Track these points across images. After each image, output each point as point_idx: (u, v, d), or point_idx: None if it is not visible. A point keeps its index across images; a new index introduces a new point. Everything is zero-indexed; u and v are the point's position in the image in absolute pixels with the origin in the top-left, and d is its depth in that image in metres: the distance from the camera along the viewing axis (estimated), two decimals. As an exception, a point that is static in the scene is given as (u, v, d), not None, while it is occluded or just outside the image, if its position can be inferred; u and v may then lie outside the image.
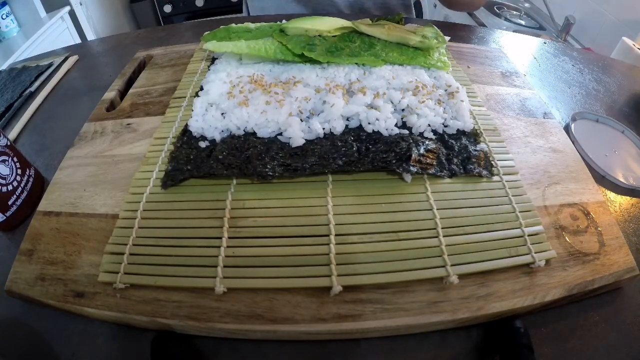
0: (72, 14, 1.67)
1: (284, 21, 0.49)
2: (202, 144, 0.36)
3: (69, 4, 1.65)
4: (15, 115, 0.50)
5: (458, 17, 1.60)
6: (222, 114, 0.37)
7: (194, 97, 0.41)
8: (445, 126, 0.38)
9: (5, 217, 0.34)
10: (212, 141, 0.36)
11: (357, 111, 0.36)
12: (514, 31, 0.92)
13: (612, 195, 0.39)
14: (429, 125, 0.38)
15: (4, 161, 0.33)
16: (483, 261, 0.29)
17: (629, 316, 0.29)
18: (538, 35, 1.27)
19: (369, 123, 0.36)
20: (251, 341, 0.27)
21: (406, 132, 0.37)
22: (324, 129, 0.36)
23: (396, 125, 0.37)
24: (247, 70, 0.43)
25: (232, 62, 0.45)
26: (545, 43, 0.65)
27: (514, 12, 1.54)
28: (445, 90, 0.41)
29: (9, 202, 0.34)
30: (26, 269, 0.30)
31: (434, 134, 0.37)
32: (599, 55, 0.66)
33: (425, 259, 0.29)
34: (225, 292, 0.27)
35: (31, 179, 0.36)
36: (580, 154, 0.39)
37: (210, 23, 0.69)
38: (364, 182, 0.34)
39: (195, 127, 0.37)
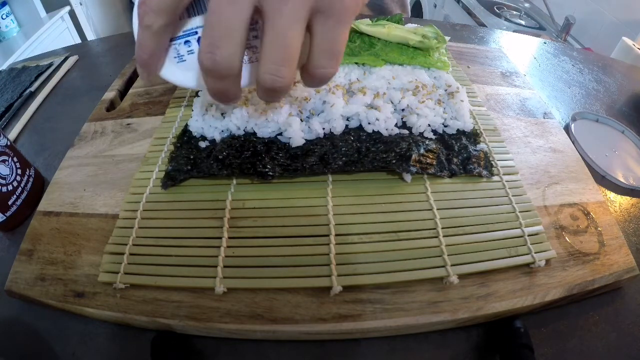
0: (72, 14, 1.67)
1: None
2: (202, 144, 0.36)
3: (69, 4, 1.65)
4: (15, 115, 0.50)
5: (458, 17, 1.60)
6: (222, 114, 0.37)
7: (194, 97, 0.41)
8: (445, 126, 0.38)
9: (5, 217, 0.34)
10: (212, 141, 0.36)
11: (357, 111, 0.36)
12: (514, 31, 0.92)
13: (612, 195, 0.39)
14: (429, 125, 0.38)
15: (4, 161, 0.33)
16: (483, 261, 0.29)
17: (629, 316, 0.29)
18: (538, 35, 1.27)
19: (369, 123, 0.36)
20: (251, 341, 0.27)
21: (406, 132, 0.37)
22: (324, 129, 0.36)
23: (396, 125, 0.37)
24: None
25: (232, 62, 0.45)
26: (545, 43, 0.65)
27: (514, 12, 1.54)
28: (445, 90, 0.41)
29: (9, 202, 0.34)
30: (26, 269, 0.30)
31: (434, 134, 0.37)
32: (599, 55, 0.66)
33: (425, 259, 0.29)
34: (225, 292, 0.27)
35: (31, 179, 0.36)
36: (580, 154, 0.39)
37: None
38: (364, 182, 0.34)
39: (195, 127, 0.37)
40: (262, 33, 0.22)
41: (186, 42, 0.25)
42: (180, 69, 0.26)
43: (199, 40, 0.25)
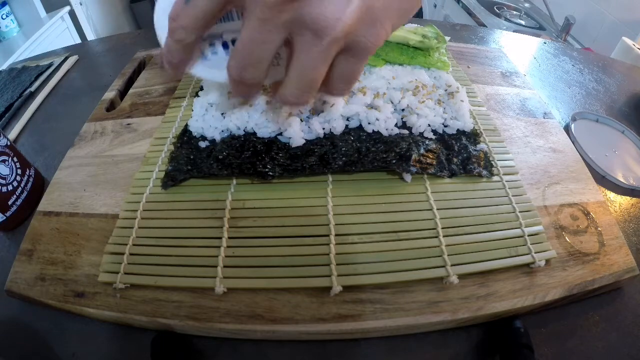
0: (72, 14, 1.67)
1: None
2: (202, 144, 0.36)
3: (69, 4, 1.65)
4: (15, 115, 0.50)
5: (458, 17, 1.60)
6: (222, 114, 0.37)
7: (194, 97, 0.41)
8: (445, 126, 0.38)
9: (5, 217, 0.34)
10: (212, 141, 0.36)
11: (357, 111, 0.36)
12: (514, 31, 0.92)
13: (612, 195, 0.39)
14: (429, 125, 0.38)
15: (4, 161, 0.33)
16: (483, 261, 0.29)
17: (629, 316, 0.29)
18: (538, 35, 1.27)
19: (369, 123, 0.36)
20: (251, 341, 0.27)
21: (406, 132, 0.37)
22: (324, 129, 0.36)
23: (396, 125, 0.37)
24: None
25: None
26: (545, 43, 0.65)
27: (514, 12, 1.54)
28: (445, 90, 0.41)
29: (9, 202, 0.34)
30: (26, 269, 0.30)
31: (434, 134, 0.37)
32: (599, 55, 0.66)
33: (425, 259, 0.29)
34: (225, 292, 0.27)
35: (31, 179, 0.36)
36: (580, 154, 0.39)
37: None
38: (364, 182, 0.34)
39: (195, 127, 0.37)
40: (289, 57, 0.23)
41: (211, 44, 0.27)
42: (203, 66, 0.27)
43: (224, 44, 0.27)
